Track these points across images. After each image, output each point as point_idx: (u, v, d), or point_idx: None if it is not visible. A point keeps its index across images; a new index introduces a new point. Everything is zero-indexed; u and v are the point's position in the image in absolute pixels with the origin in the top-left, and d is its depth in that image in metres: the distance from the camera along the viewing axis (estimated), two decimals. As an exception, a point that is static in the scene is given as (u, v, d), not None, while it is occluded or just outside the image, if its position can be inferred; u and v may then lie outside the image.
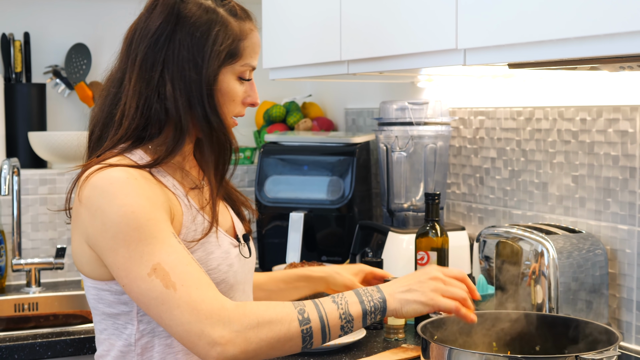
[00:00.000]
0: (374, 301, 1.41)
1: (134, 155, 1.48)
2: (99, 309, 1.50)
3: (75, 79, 2.94)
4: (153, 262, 1.36)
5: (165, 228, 1.40)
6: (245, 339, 1.33)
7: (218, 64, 1.49)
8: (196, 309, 1.33)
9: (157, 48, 1.49)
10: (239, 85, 1.53)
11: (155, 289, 1.35)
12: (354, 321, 1.40)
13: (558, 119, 2.11)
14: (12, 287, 2.67)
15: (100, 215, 1.39)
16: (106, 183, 1.40)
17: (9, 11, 2.88)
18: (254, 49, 1.55)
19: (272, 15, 2.47)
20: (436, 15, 1.75)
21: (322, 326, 1.37)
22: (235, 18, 1.52)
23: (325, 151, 2.68)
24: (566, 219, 2.10)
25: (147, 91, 1.49)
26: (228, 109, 1.53)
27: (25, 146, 2.84)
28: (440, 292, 1.44)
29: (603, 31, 1.36)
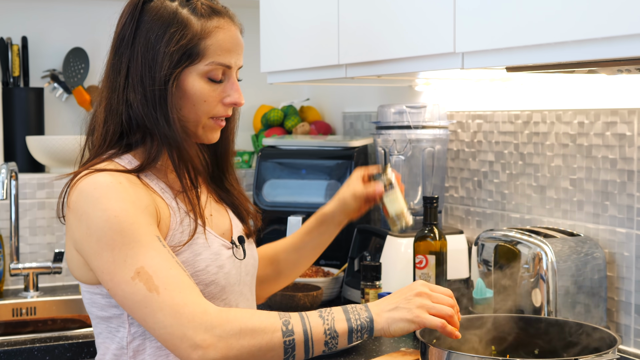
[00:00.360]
0: (360, 320, 1.39)
1: (122, 160, 1.50)
2: (93, 312, 1.51)
3: (73, 83, 2.94)
4: (137, 265, 1.36)
5: (149, 232, 1.40)
6: (227, 345, 1.33)
7: (172, 66, 1.46)
8: (178, 312, 1.33)
9: (121, 51, 1.51)
10: (208, 85, 1.50)
11: (139, 292, 1.35)
12: (339, 338, 1.38)
13: (556, 122, 2.11)
14: (10, 291, 2.67)
15: (85, 220, 1.40)
16: (91, 188, 1.41)
17: (6, 15, 2.88)
18: (222, 46, 1.50)
19: (269, 19, 2.47)
20: (434, 19, 1.75)
21: (305, 339, 1.36)
22: (197, 17, 1.48)
23: (323, 155, 2.68)
24: (564, 222, 2.10)
25: (113, 98, 1.50)
26: (199, 110, 1.50)
27: (23, 150, 2.84)
28: (427, 309, 1.41)
29: (601, 34, 1.36)
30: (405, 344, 2.02)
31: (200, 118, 1.51)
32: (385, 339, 2.06)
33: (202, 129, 1.53)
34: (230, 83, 1.53)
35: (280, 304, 2.25)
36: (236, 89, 1.53)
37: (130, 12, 1.51)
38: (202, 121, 1.52)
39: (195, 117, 1.51)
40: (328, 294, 2.45)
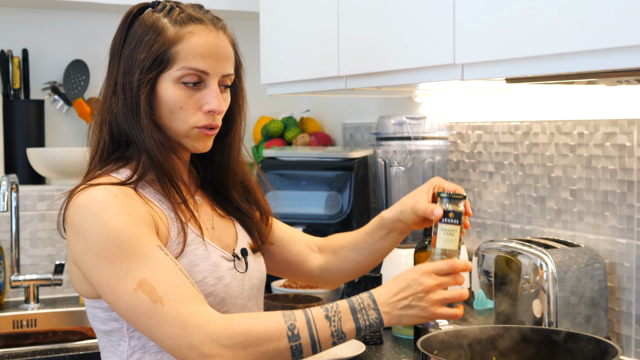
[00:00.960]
0: (369, 320, 1.39)
1: (119, 174, 1.50)
2: (95, 326, 1.52)
3: (74, 95, 2.95)
4: (139, 277, 1.36)
5: (149, 242, 1.40)
6: (234, 354, 1.33)
7: (143, 71, 1.46)
8: (184, 323, 1.34)
9: (112, 63, 1.54)
10: (183, 91, 1.48)
11: (143, 304, 1.35)
12: (346, 338, 1.39)
13: (556, 133, 2.12)
14: (10, 303, 2.67)
15: (82, 235, 1.40)
16: (87, 202, 1.41)
17: (7, 28, 2.89)
18: (194, 51, 1.48)
19: (269, 31, 2.48)
20: (434, 31, 1.76)
21: (312, 344, 1.37)
22: (173, 24, 1.49)
23: (324, 166, 2.69)
24: (564, 233, 2.10)
25: (104, 109, 1.52)
26: (178, 118, 1.49)
27: (24, 162, 2.84)
28: (441, 303, 1.42)
29: (600, 46, 1.36)
30: (407, 355, 2.02)
31: (180, 127, 1.50)
32: (385, 350, 2.06)
33: (187, 138, 1.51)
34: (209, 90, 1.50)
35: (280, 316, 2.25)
36: (215, 95, 1.50)
37: (121, 25, 1.54)
38: (183, 130, 1.50)
39: (177, 126, 1.50)
40: (329, 305, 2.44)
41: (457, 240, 1.51)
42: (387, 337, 2.18)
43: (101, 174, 1.49)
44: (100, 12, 2.99)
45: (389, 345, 2.12)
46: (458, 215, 1.50)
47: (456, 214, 1.50)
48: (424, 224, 1.65)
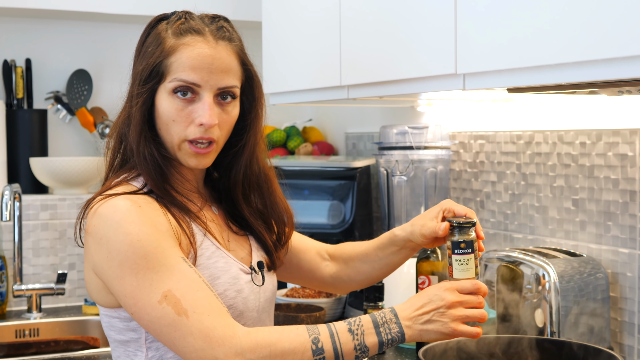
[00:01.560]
0: (391, 334, 1.40)
1: (137, 182, 1.50)
2: (111, 336, 1.51)
3: (77, 104, 2.96)
4: (163, 289, 1.35)
5: (173, 254, 1.39)
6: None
7: (140, 83, 1.47)
8: (209, 336, 1.33)
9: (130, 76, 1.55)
10: (175, 104, 1.47)
11: (167, 316, 1.35)
12: (369, 351, 1.40)
13: (558, 142, 2.12)
14: (13, 312, 2.67)
15: (105, 244, 1.39)
16: (111, 212, 1.41)
17: (10, 38, 2.90)
18: (185, 63, 1.46)
19: (272, 40, 2.48)
20: (435, 41, 1.76)
21: (336, 356, 1.37)
22: (173, 36, 1.48)
23: (326, 175, 2.69)
24: (567, 243, 2.10)
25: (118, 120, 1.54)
26: (172, 131, 1.48)
27: (27, 172, 2.85)
28: (461, 320, 1.42)
29: (600, 56, 1.36)
30: (408, 365, 2.02)
31: (174, 139, 1.49)
32: (387, 356, 2.06)
33: (180, 152, 1.50)
34: (201, 103, 1.47)
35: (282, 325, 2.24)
36: (206, 108, 1.46)
37: (140, 37, 1.55)
38: (176, 143, 1.49)
39: (171, 139, 1.49)
40: (331, 314, 2.44)
41: (473, 267, 1.48)
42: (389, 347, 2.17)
43: (120, 182, 1.49)
44: (104, 22, 2.99)
45: (391, 354, 2.12)
46: (470, 244, 1.48)
47: (468, 243, 1.48)
48: (435, 243, 1.64)
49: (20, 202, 2.60)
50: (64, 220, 2.78)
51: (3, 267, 2.64)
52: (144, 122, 1.48)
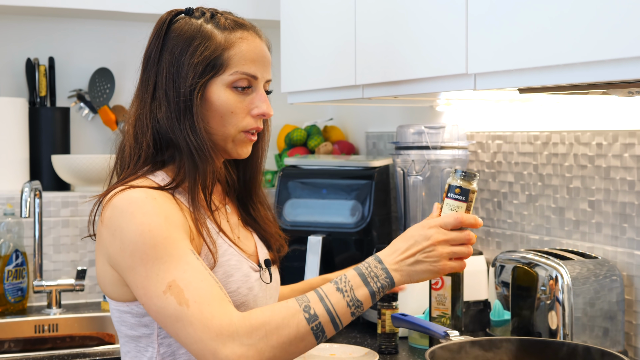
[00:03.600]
0: (380, 282, 1.38)
1: (156, 177, 1.51)
2: (122, 331, 1.51)
3: (99, 102, 2.98)
4: (168, 279, 1.36)
5: (182, 246, 1.40)
6: (257, 351, 1.32)
7: (196, 76, 1.48)
8: (207, 326, 1.33)
9: (148, 69, 1.54)
10: (234, 95, 1.51)
11: (170, 306, 1.35)
12: (363, 305, 1.38)
13: (574, 143, 2.10)
14: (33, 308, 2.70)
15: (119, 235, 1.40)
16: (126, 203, 1.42)
17: (34, 36, 2.93)
18: (245, 56, 1.51)
19: (289, 40, 2.49)
20: (447, 41, 1.75)
21: (331, 319, 1.35)
22: (221, 30, 1.51)
23: (344, 175, 2.68)
24: (583, 245, 2.08)
25: (142, 114, 1.52)
26: (228, 123, 1.51)
27: (49, 169, 2.88)
28: (448, 257, 1.41)
29: (608, 56, 1.35)
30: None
31: (229, 131, 1.52)
32: (401, 356, 2.06)
33: (232, 142, 1.53)
34: (258, 94, 1.53)
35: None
36: (264, 99, 1.54)
37: (157, 31, 1.55)
38: (232, 134, 1.52)
39: (225, 130, 1.51)
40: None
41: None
42: (403, 347, 2.17)
43: (139, 176, 1.49)
44: (126, 21, 3.02)
45: (404, 354, 2.11)
46: (465, 193, 1.46)
47: (463, 191, 1.46)
48: None
49: (41, 199, 2.63)
50: (85, 217, 2.80)
51: (24, 263, 2.67)
52: (198, 115, 1.49)
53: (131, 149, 1.53)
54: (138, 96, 1.55)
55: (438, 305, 2.09)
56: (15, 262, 2.65)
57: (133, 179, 1.48)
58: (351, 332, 2.34)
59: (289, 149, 3.16)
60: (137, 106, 1.54)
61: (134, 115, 1.54)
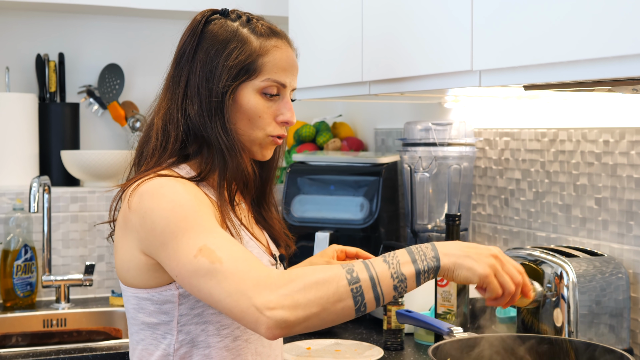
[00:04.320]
0: (427, 260, 1.34)
1: (180, 169, 1.54)
2: (139, 318, 1.52)
3: (109, 98, 2.99)
4: (199, 244, 1.36)
5: (212, 219, 1.41)
6: (293, 301, 1.28)
7: (230, 79, 1.51)
8: (243, 279, 1.31)
9: (181, 65, 1.57)
10: (263, 101, 1.54)
11: (202, 267, 1.34)
12: (407, 281, 1.33)
13: (582, 140, 2.09)
14: (42, 302, 2.71)
15: (150, 215, 1.42)
16: (156, 187, 1.44)
17: (44, 32, 2.95)
18: (278, 64, 1.55)
19: (298, 36, 2.48)
20: (452, 38, 1.75)
21: (372, 285, 1.31)
22: (257, 36, 1.55)
23: (352, 171, 2.69)
24: (589, 242, 2.07)
25: (172, 108, 1.55)
26: (254, 126, 1.55)
27: (59, 164, 2.89)
28: (495, 273, 1.37)
29: (613, 54, 1.35)
30: (425, 362, 2.02)
31: (255, 134, 1.55)
32: (405, 356, 2.06)
33: (259, 145, 1.57)
34: (284, 102, 1.57)
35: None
36: (289, 107, 1.58)
37: (192, 29, 1.57)
38: (259, 137, 1.56)
39: (250, 133, 1.55)
40: (353, 310, 2.44)
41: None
42: (409, 344, 2.17)
43: (164, 167, 1.52)
44: (136, 17, 3.03)
45: (410, 351, 2.11)
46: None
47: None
48: None
49: (50, 194, 2.64)
50: (94, 213, 2.82)
51: (33, 258, 2.69)
52: (228, 116, 1.52)
53: (158, 140, 1.55)
54: (168, 90, 1.58)
55: (444, 301, 2.09)
56: (25, 257, 2.66)
57: (159, 169, 1.51)
58: (357, 328, 2.34)
59: (297, 145, 3.17)
60: (167, 100, 1.57)
61: (164, 108, 1.56)
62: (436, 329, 1.73)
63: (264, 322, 1.28)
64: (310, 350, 2.06)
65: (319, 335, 2.25)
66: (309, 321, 1.30)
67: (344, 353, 2.05)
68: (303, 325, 1.30)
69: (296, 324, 1.29)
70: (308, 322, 1.30)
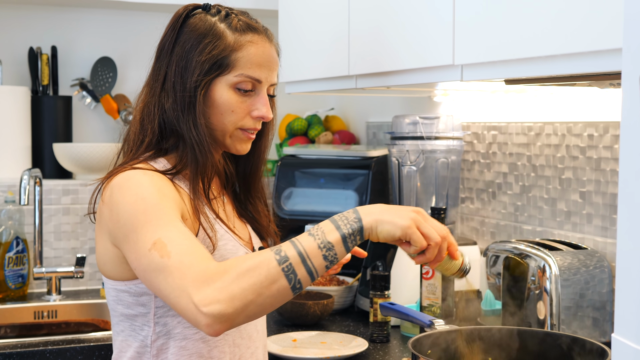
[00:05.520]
0: (349, 223, 1.34)
1: (157, 163, 1.55)
2: (118, 310, 1.54)
3: (101, 91, 3.01)
4: (154, 238, 1.37)
5: (171, 213, 1.42)
6: (229, 293, 1.29)
7: (202, 74, 1.52)
8: (184, 274, 1.32)
9: (161, 59, 1.59)
10: (236, 96, 1.55)
11: (154, 260, 1.35)
12: (335, 248, 1.33)
13: (567, 134, 2.10)
14: (34, 294, 2.73)
15: (116, 208, 1.44)
16: (124, 180, 1.46)
17: (36, 25, 2.96)
18: (252, 60, 1.55)
19: (287, 30, 2.50)
20: (435, 32, 1.76)
21: (302, 260, 1.31)
22: (232, 31, 1.55)
23: (342, 164, 2.70)
24: (574, 235, 2.09)
25: (150, 102, 1.57)
26: (227, 120, 1.56)
27: (51, 157, 2.91)
28: (417, 226, 1.36)
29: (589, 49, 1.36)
30: (409, 354, 2.03)
31: (227, 128, 1.56)
32: (390, 349, 2.07)
33: (230, 138, 1.58)
34: (259, 97, 1.57)
35: (290, 312, 2.27)
36: (264, 103, 1.58)
37: (173, 23, 1.59)
38: (229, 130, 1.57)
39: (223, 127, 1.56)
40: (341, 302, 2.46)
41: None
42: (395, 336, 2.19)
43: (140, 161, 1.53)
44: (129, 11, 3.04)
45: (395, 343, 2.13)
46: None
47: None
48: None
49: (41, 186, 2.65)
50: (85, 205, 2.83)
51: (25, 250, 2.71)
52: (200, 111, 1.53)
53: (136, 135, 1.58)
54: (148, 84, 1.60)
55: (428, 294, 2.10)
56: (16, 249, 2.68)
57: (135, 163, 1.53)
58: (345, 321, 2.36)
59: (289, 138, 3.18)
60: (147, 94, 1.59)
61: (143, 102, 1.58)
62: (418, 321, 1.74)
63: (202, 320, 1.28)
64: (296, 342, 2.08)
65: (306, 327, 2.27)
66: (248, 309, 1.30)
67: (330, 345, 2.06)
68: (243, 315, 1.30)
69: (235, 315, 1.29)
70: (247, 311, 1.30)
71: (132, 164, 1.52)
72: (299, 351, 2.00)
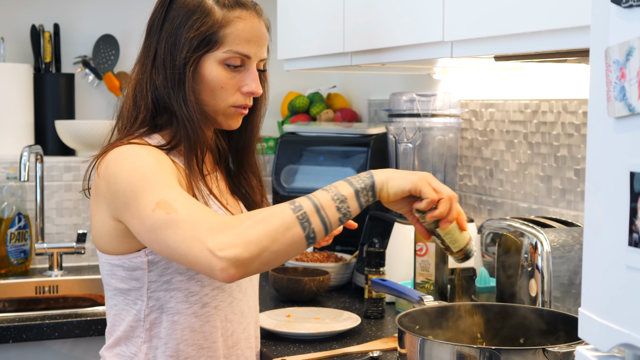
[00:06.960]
0: (362, 179, 1.39)
1: (151, 139, 1.56)
2: (112, 284, 1.56)
3: (104, 69, 3.02)
4: (157, 199, 1.39)
5: (171, 178, 1.44)
6: (245, 239, 1.31)
7: (191, 50, 1.53)
8: (197, 224, 1.34)
9: (150, 36, 1.59)
10: (225, 72, 1.55)
11: (160, 218, 1.37)
12: (348, 201, 1.37)
13: (562, 111, 2.10)
14: (36, 270, 2.76)
15: (114, 179, 1.46)
16: (121, 152, 1.48)
17: (39, 3, 2.97)
18: (241, 35, 1.55)
19: (285, 7, 2.50)
20: (425, 9, 1.76)
21: (316, 209, 1.35)
22: (220, 7, 1.55)
23: (341, 142, 2.70)
24: (568, 213, 2.09)
25: (142, 79, 1.58)
26: (217, 97, 1.56)
27: (54, 135, 2.93)
28: (427, 182, 1.41)
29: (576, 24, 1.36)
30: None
31: (219, 104, 1.57)
32: (384, 324, 2.08)
33: (223, 115, 1.59)
34: (248, 73, 1.58)
35: (286, 288, 2.28)
36: (254, 78, 1.58)
37: (162, 1, 1.59)
38: (221, 108, 1.57)
39: (214, 103, 1.57)
40: (338, 279, 2.47)
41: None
42: (389, 312, 2.20)
43: (135, 137, 1.55)
44: (130, -12, 3.04)
45: (389, 319, 2.14)
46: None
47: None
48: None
49: (42, 163, 2.68)
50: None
51: (27, 226, 2.73)
52: (189, 88, 1.54)
53: (129, 111, 1.58)
54: (140, 61, 1.60)
55: (422, 271, 2.11)
56: (18, 225, 2.71)
57: (130, 138, 1.54)
58: (341, 297, 2.37)
59: (291, 116, 3.19)
60: (138, 71, 1.59)
61: (135, 79, 1.59)
62: (407, 297, 1.75)
63: (217, 264, 1.30)
64: (289, 318, 2.09)
65: (302, 303, 2.28)
66: (262, 255, 1.32)
67: (323, 320, 2.08)
68: (258, 262, 1.32)
69: (250, 260, 1.31)
70: (262, 257, 1.32)
71: (128, 139, 1.53)
72: (292, 326, 2.01)
